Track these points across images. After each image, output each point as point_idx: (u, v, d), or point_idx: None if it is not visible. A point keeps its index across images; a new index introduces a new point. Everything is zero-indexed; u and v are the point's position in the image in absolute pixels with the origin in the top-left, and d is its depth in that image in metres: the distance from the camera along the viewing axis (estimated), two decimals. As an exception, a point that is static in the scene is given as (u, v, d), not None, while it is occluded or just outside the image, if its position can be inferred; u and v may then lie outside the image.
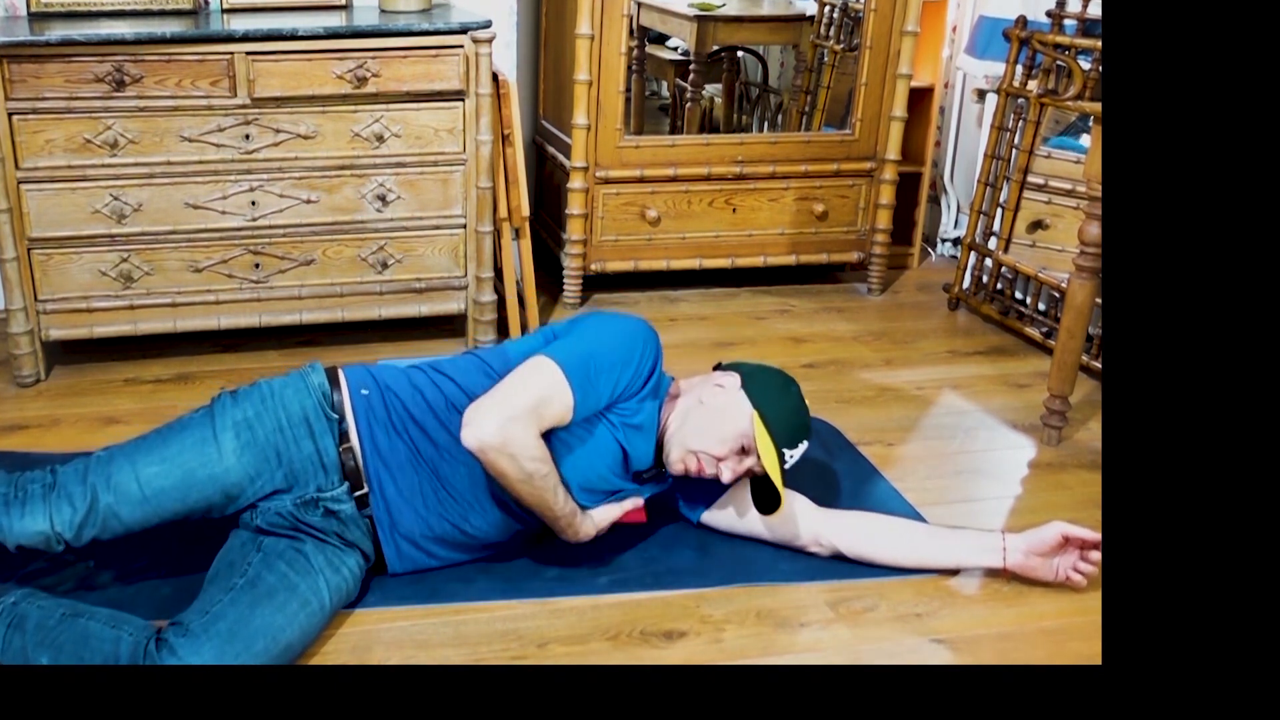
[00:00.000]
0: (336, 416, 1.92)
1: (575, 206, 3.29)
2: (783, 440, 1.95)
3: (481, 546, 2.02)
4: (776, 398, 1.99)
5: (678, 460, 1.99)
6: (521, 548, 2.10)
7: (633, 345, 1.96)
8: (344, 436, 1.91)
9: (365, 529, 1.93)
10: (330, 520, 1.90)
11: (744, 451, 1.97)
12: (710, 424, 1.97)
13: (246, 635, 1.69)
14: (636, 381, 1.96)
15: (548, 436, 1.88)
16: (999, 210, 3.38)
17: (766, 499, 2.02)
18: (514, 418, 1.81)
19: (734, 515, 2.14)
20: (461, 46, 2.78)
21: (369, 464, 1.91)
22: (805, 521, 2.10)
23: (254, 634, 1.70)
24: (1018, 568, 2.05)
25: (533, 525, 1.99)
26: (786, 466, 1.97)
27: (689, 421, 1.99)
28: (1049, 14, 3.22)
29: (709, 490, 2.14)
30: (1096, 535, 2.00)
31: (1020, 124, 3.31)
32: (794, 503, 2.12)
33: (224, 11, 2.97)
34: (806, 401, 2.04)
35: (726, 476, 1.98)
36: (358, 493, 1.91)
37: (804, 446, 2.00)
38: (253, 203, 2.78)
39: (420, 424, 1.94)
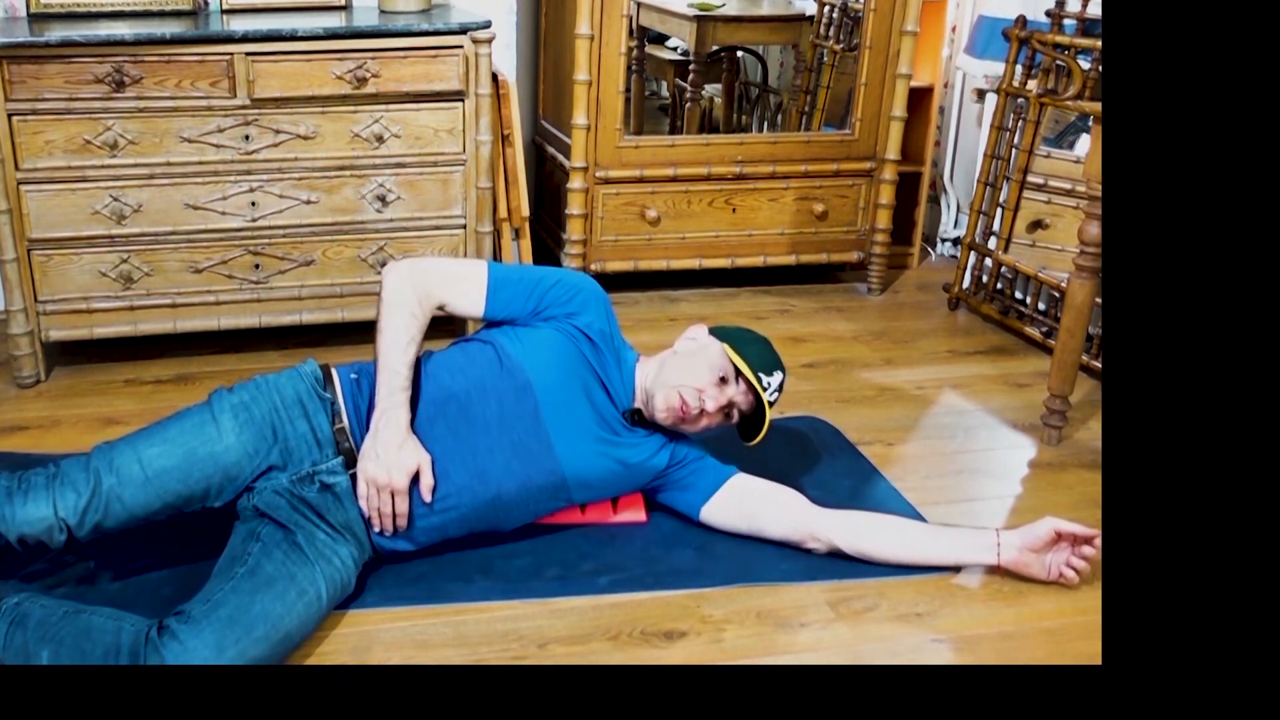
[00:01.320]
0: (329, 397, 1.98)
1: (575, 206, 3.29)
2: (756, 365, 2.07)
3: (468, 521, 2.01)
4: (743, 335, 2.15)
5: (662, 401, 2.06)
6: (521, 543, 2.10)
7: (566, 272, 2.15)
8: (336, 416, 1.97)
9: (359, 507, 1.95)
10: (326, 495, 1.92)
11: (724, 381, 2.07)
12: (688, 363, 2.09)
13: (247, 621, 1.71)
14: (564, 293, 2.09)
15: (518, 359, 2.02)
16: (999, 210, 3.38)
17: (751, 429, 2.13)
18: (429, 265, 2.11)
19: (734, 509, 2.14)
20: (461, 47, 2.78)
21: (359, 442, 1.95)
22: (802, 516, 2.11)
23: (254, 620, 1.72)
24: (1011, 564, 2.05)
25: (514, 499, 2.00)
26: (767, 395, 2.06)
27: (666, 368, 2.10)
28: (1048, 14, 3.23)
29: (709, 484, 2.15)
30: (1089, 530, 2.02)
31: (1020, 124, 3.32)
32: (791, 499, 2.14)
33: (224, 12, 2.97)
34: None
35: (711, 406, 2.05)
36: (352, 470, 1.94)
37: (780, 377, 2.10)
38: (252, 203, 2.78)
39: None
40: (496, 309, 2.07)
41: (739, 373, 2.06)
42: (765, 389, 2.06)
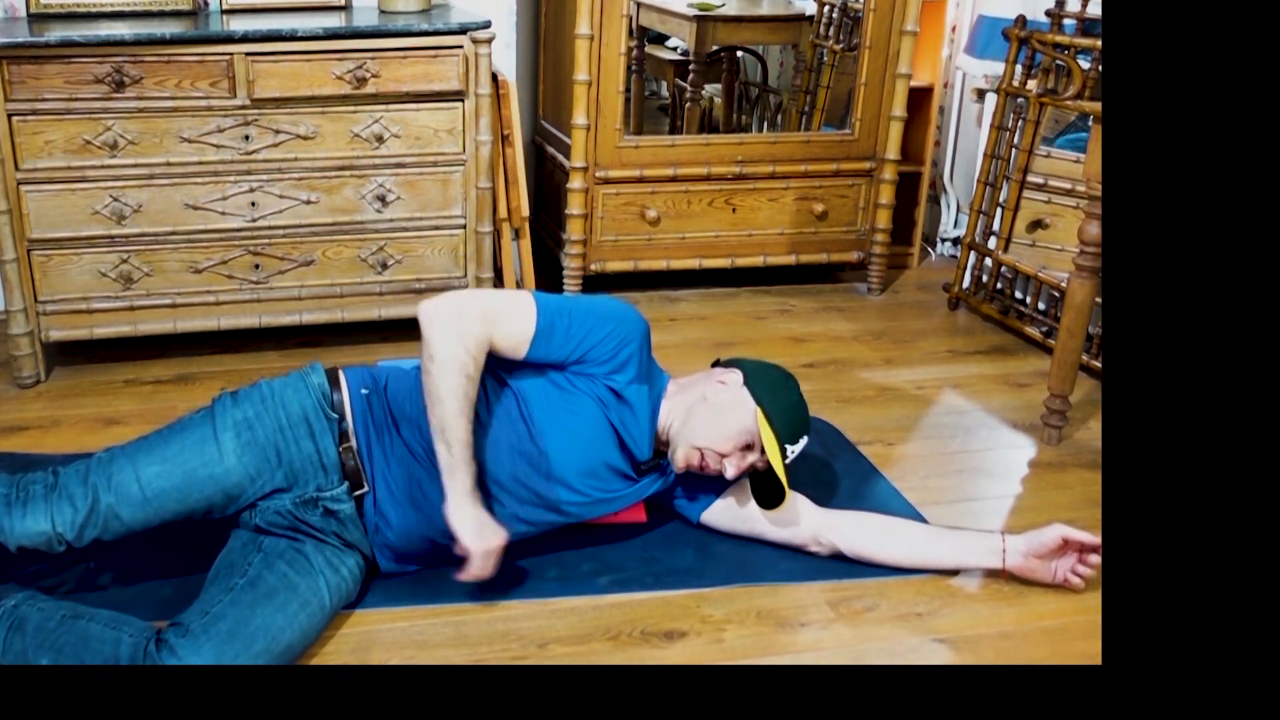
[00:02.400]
0: (336, 416, 1.92)
1: (575, 207, 3.29)
2: (785, 436, 1.97)
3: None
4: (779, 395, 2.01)
5: (683, 457, 1.99)
6: (520, 543, 2.10)
7: (616, 316, 1.96)
8: (344, 436, 1.92)
9: (364, 529, 1.94)
10: (329, 520, 1.90)
11: (748, 448, 1.98)
12: (715, 421, 1.98)
13: (246, 635, 1.70)
14: (610, 349, 1.94)
15: (545, 415, 1.91)
16: (999, 210, 3.38)
17: (768, 494, 2.04)
18: (470, 305, 1.86)
19: (734, 515, 2.14)
20: (461, 47, 2.78)
21: (366, 464, 1.92)
22: (805, 520, 2.11)
23: (254, 634, 1.70)
24: (1017, 569, 2.05)
25: (526, 529, 1.99)
26: (788, 461, 1.98)
27: (693, 418, 1.99)
28: (1048, 13, 3.22)
29: (709, 490, 2.14)
30: (1096, 539, 2.00)
31: (1020, 123, 3.32)
32: (794, 501, 2.12)
33: (223, 12, 2.97)
34: (807, 401, 2.05)
35: (730, 473, 1.99)
36: (357, 492, 1.92)
37: (804, 442, 2.02)
38: (252, 203, 2.78)
39: (415, 422, 1.94)
40: (538, 355, 1.92)
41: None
42: (787, 458, 1.98)
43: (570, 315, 1.93)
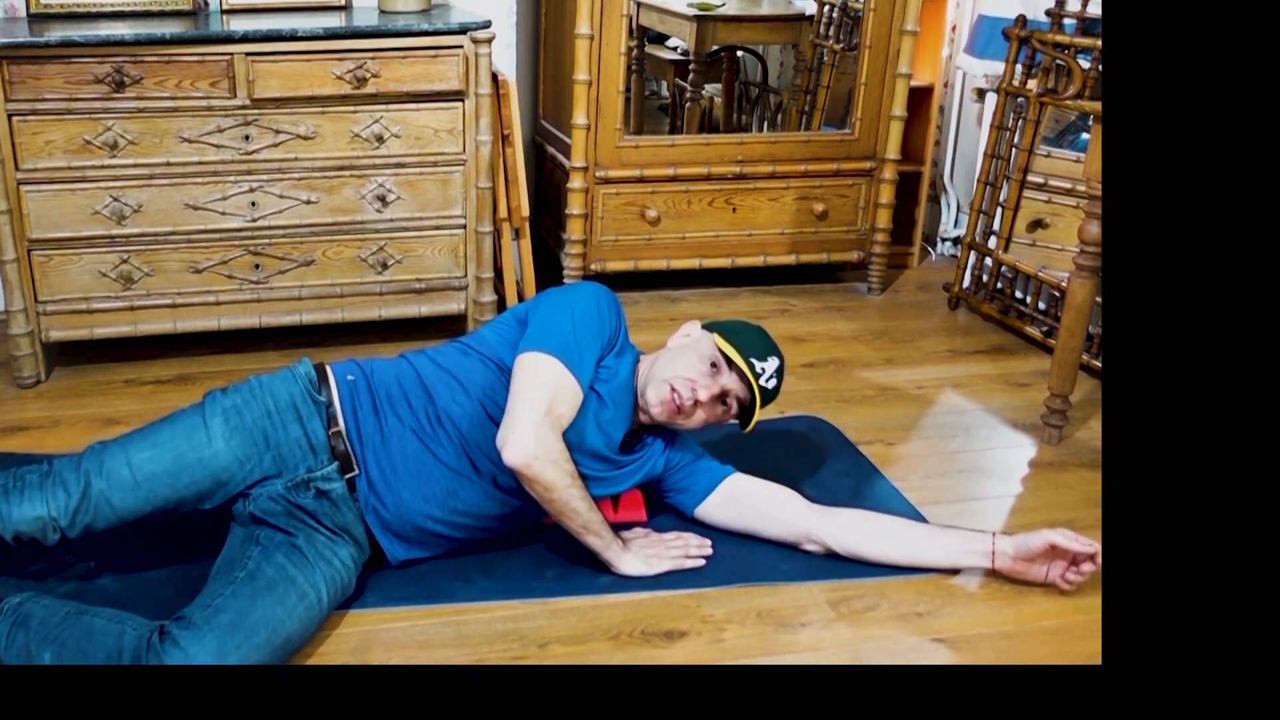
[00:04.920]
0: (324, 401, 1.96)
1: (575, 206, 3.29)
2: (748, 351, 2.03)
3: (475, 524, 2.02)
4: (736, 325, 2.11)
5: (654, 395, 2.02)
6: (521, 543, 2.10)
7: (600, 308, 2.03)
8: (331, 420, 1.95)
9: (357, 512, 1.95)
10: (322, 501, 1.92)
11: (715, 368, 2.03)
12: (679, 356, 2.06)
13: (248, 627, 1.71)
14: (611, 339, 2.04)
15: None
16: (999, 209, 3.38)
17: (748, 418, 2.08)
18: (541, 424, 1.87)
19: (729, 510, 2.14)
20: (461, 47, 2.78)
21: (357, 446, 1.95)
22: (797, 521, 2.11)
23: (255, 625, 1.72)
24: (1006, 571, 2.05)
25: (521, 503, 1.99)
26: (763, 380, 2.02)
27: (658, 364, 2.07)
28: (1048, 13, 3.22)
29: (705, 484, 2.15)
30: (1087, 548, 1.98)
31: (1020, 123, 3.32)
32: (786, 501, 2.14)
33: (223, 12, 2.98)
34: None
35: (704, 395, 2.01)
36: (348, 475, 1.94)
37: (776, 361, 2.06)
38: (252, 203, 2.78)
39: (405, 400, 1.99)
40: (587, 383, 1.99)
41: (731, 361, 2.03)
42: (759, 375, 2.02)
43: (583, 343, 1.98)
